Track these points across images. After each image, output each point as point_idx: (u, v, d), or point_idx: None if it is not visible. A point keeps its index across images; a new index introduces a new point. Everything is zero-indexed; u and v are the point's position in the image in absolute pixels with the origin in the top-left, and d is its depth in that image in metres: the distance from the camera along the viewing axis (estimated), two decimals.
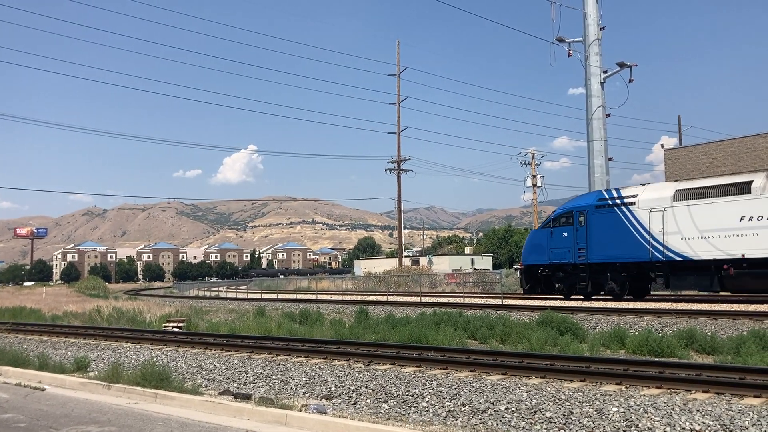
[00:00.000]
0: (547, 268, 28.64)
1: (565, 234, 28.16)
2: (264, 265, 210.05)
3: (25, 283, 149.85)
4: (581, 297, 27.62)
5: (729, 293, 25.98)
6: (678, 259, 23.99)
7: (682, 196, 24.41)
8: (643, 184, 26.84)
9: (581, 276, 27.15)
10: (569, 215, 28.28)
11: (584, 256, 26.95)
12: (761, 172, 23.51)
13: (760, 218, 21.97)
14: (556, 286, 28.23)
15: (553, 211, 29.86)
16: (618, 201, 26.46)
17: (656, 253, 24.65)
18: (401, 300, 32.31)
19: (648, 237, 25.01)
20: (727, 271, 22.58)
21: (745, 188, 22.78)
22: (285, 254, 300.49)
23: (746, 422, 7.43)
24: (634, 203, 25.83)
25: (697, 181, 25.17)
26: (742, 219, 22.43)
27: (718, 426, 7.36)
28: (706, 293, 27.53)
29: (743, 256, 22.16)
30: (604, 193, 28.08)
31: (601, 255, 26.41)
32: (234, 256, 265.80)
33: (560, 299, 27.53)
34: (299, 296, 42.27)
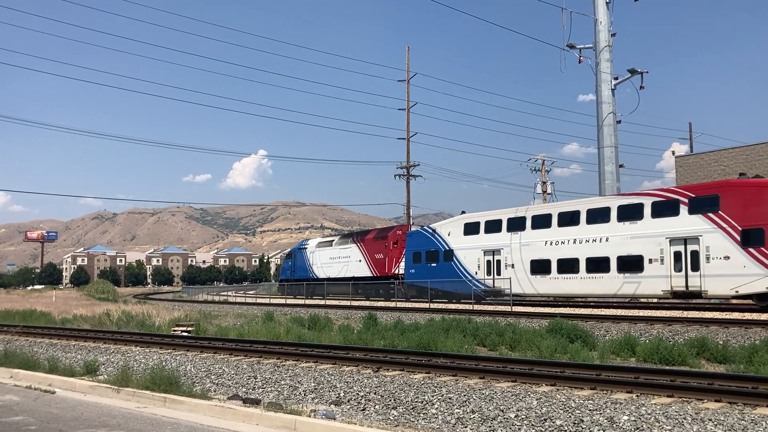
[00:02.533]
0: (287, 281, 56.44)
1: (290, 263, 57.31)
2: (273, 270, 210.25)
3: (36, 286, 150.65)
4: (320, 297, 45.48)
5: (739, 302, 26.06)
6: (318, 277, 50.63)
7: (318, 245, 53.47)
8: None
9: (299, 287, 51.44)
10: (292, 252, 58.27)
11: (294, 276, 54.66)
12: (348, 238, 50.85)
13: (336, 258, 49.23)
14: (294, 293, 52.57)
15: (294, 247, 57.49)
16: (303, 246, 55.75)
17: (313, 275, 51.72)
18: (410, 306, 32.24)
19: (310, 267, 52.75)
20: (328, 283, 46.89)
21: (348, 240, 49.65)
22: None
23: None
24: (306, 248, 54.60)
25: (327, 238, 56.42)
26: (330, 258, 50.17)
27: None
28: (717, 302, 27.50)
29: (331, 276, 48.67)
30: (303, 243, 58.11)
31: (300, 276, 53.49)
32: (243, 260, 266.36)
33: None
34: (308, 301, 42.26)
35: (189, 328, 22.76)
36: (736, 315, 21.50)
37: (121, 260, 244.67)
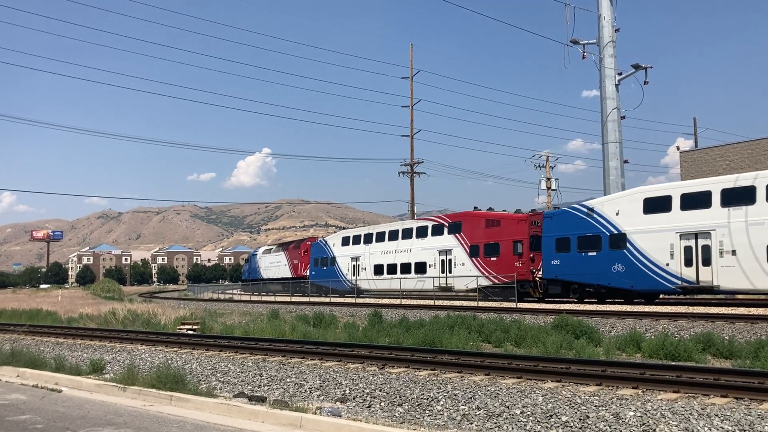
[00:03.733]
0: (245, 281, 71.43)
1: (247, 266, 72.57)
2: None
3: (42, 286, 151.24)
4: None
5: (744, 297, 26.00)
6: (264, 278, 62.28)
7: (263, 252, 67.94)
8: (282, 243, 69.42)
9: (255, 285, 59.71)
10: (249, 257, 73.36)
11: (250, 277, 68.51)
12: (281, 247, 65.62)
13: (273, 263, 61.75)
14: (251, 290, 59.28)
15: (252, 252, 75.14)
16: (256, 252, 71.31)
17: (260, 276, 63.29)
18: (415, 303, 32.25)
19: (259, 269, 65.77)
20: (269, 282, 59.89)
21: (280, 248, 63.82)
22: None
23: (766, 427, 7.34)
24: (257, 254, 69.04)
25: (269, 246, 75.63)
26: (270, 262, 63.04)
27: (737, 431, 7.27)
28: (722, 297, 27.45)
29: (270, 277, 61.63)
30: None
31: (254, 277, 66.07)
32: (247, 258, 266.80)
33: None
34: (313, 299, 42.32)
35: (194, 327, 22.82)
36: (742, 310, 21.44)
37: (126, 259, 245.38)
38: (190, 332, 21.36)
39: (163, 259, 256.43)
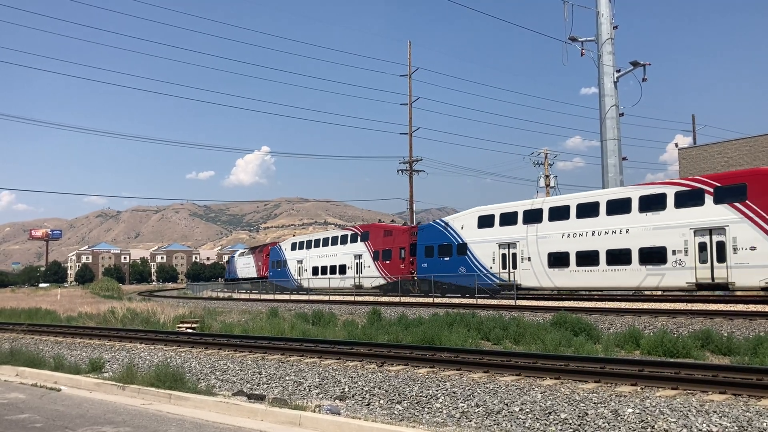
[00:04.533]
0: (226, 280, 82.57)
1: (228, 266, 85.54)
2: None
3: (41, 285, 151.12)
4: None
5: (744, 294, 26.03)
6: (239, 277, 72.75)
7: (238, 255, 79.48)
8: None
9: (235, 284, 67.97)
10: (229, 259, 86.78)
11: (229, 276, 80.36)
12: (252, 250, 77.52)
13: (245, 264, 73.64)
14: (232, 288, 64.72)
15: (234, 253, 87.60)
16: (233, 255, 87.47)
17: (236, 276, 74.33)
18: (414, 301, 32.27)
19: (236, 270, 76.67)
20: (243, 281, 67.35)
21: (250, 252, 75.65)
22: None
23: (764, 424, 7.35)
24: (234, 256, 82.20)
25: (244, 249, 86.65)
26: (243, 264, 74.44)
27: (736, 428, 7.28)
28: (721, 293, 27.47)
29: (244, 276, 71.45)
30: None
31: (233, 276, 76.83)
32: None
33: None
34: (312, 297, 42.34)
35: (194, 325, 22.80)
36: (740, 307, 21.45)
37: (125, 258, 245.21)
38: (189, 331, 21.36)
39: (162, 258, 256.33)
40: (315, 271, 49.54)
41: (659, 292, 28.74)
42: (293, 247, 55.02)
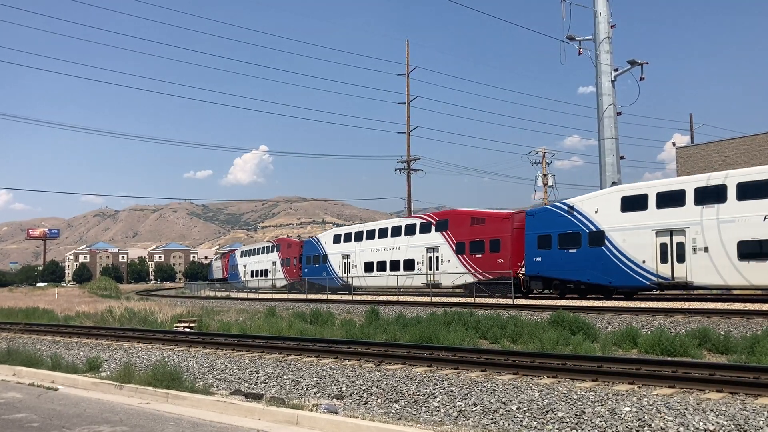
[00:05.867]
0: (209, 280, 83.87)
1: (209, 269, 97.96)
2: None
3: (38, 284, 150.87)
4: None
5: (741, 293, 26.12)
6: (214, 278, 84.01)
7: (214, 259, 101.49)
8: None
9: (213, 284, 72.57)
10: (210, 263, 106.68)
11: (209, 278, 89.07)
12: (222, 255, 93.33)
13: (217, 267, 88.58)
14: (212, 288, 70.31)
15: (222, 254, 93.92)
16: (212, 260, 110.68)
17: (213, 277, 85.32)
18: (412, 300, 32.28)
19: (213, 272, 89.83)
20: (215, 282, 79.31)
21: (220, 257, 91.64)
22: None
23: (761, 422, 7.36)
24: (212, 260, 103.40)
25: (217, 255, 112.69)
26: (216, 267, 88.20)
27: (732, 426, 7.29)
28: (719, 292, 27.53)
29: (217, 277, 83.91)
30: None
31: (212, 278, 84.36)
32: None
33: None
34: (310, 296, 42.32)
35: (191, 324, 22.79)
36: (737, 306, 21.49)
37: (123, 257, 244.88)
38: (187, 330, 21.35)
39: (160, 257, 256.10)
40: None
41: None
42: (243, 254, 56.62)
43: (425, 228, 38.39)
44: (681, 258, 24.64)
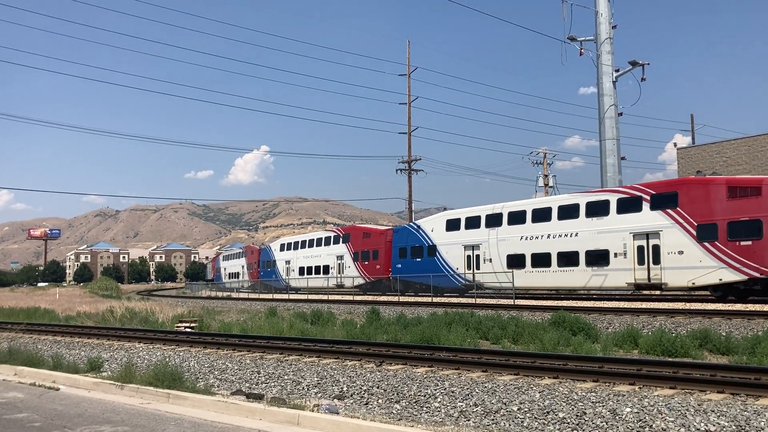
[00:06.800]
0: (211, 281, 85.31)
1: (209, 268, 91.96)
2: None
3: (39, 284, 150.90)
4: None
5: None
6: (208, 279, 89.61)
7: (209, 263, 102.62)
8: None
9: (210, 284, 79.30)
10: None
11: (205, 279, 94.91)
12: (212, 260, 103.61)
13: (209, 270, 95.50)
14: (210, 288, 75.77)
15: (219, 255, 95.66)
16: (206, 263, 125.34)
17: (208, 278, 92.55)
18: (412, 300, 32.28)
19: (208, 273, 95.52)
20: (208, 282, 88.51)
21: (210, 261, 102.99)
22: None
23: (762, 423, 7.36)
24: (206, 263, 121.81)
25: (209, 259, 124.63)
26: (208, 270, 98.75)
27: (734, 427, 7.29)
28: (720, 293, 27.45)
29: (208, 278, 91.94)
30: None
31: (206, 279, 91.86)
32: None
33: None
34: (311, 296, 42.34)
35: (192, 324, 22.79)
36: (738, 306, 21.48)
37: (124, 257, 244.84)
38: (188, 330, 21.35)
39: (160, 257, 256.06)
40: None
41: (657, 292, 28.72)
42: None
43: (336, 240, 48.22)
44: (478, 266, 32.92)
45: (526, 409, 8.48)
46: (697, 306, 22.27)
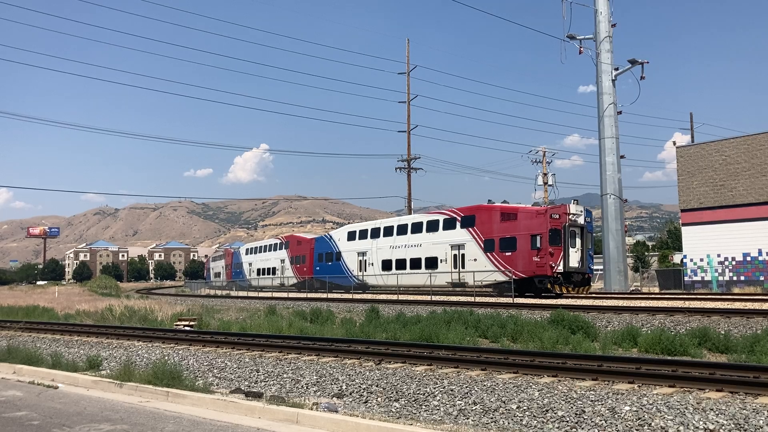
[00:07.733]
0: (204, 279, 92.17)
1: (206, 267, 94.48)
2: None
3: (38, 282, 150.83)
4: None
5: (741, 293, 26.13)
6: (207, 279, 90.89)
7: (213, 259, 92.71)
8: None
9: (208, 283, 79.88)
10: (221, 256, 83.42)
11: (203, 277, 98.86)
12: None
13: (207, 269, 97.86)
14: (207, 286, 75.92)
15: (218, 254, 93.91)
16: (210, 257, 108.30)
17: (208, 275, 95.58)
18: (412, 299, 32.29)
19: (205, 272, 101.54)
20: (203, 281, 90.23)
21: (220, 257, 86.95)
22: None
23: (761, 421, 7.36)
24: (210, 260, 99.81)
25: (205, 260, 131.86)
26: (206, 269, 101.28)
27: (732, 425, 7.29)
28: (718, 291, 27.55)
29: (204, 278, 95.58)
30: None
31: (209, 277, 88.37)
32: None
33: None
34: (310, 295, 42.33)
35: (191, 323, 22.80)
36: (738, 305, 21.51)
37: (123, 255, 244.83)
38: (187, 328, 21.36)
39: (160, 256, 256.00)
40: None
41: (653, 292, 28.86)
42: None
43: (281, 246, 54.05)
44: (365, 269, 42.42)
45: (525, 408, 8.48)
46: (697, 305, 22.29)
